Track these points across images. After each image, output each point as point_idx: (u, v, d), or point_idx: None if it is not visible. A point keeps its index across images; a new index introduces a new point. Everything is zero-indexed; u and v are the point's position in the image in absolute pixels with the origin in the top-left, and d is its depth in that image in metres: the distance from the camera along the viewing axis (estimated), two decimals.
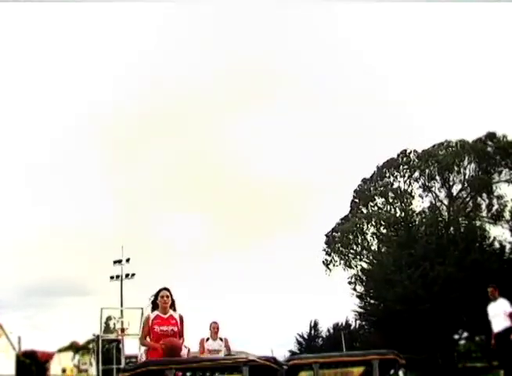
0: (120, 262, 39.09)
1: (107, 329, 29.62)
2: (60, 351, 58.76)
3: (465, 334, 37.14)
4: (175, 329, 7.67)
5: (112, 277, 39.30)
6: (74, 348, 59.77)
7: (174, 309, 7.90)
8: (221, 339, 11.35)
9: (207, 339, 11.34)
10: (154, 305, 7.89)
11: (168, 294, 7.82)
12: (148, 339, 7.69)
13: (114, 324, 28.98)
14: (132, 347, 28.99)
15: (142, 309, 27.40)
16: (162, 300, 7.76)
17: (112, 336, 30.98)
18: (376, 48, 65.61)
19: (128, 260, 39.14)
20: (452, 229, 37.33)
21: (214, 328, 11.39)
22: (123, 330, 28.10)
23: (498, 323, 12.42)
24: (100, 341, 33.08)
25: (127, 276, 39.17)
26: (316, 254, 43.18)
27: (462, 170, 39.93)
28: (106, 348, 43.80)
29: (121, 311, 29.89)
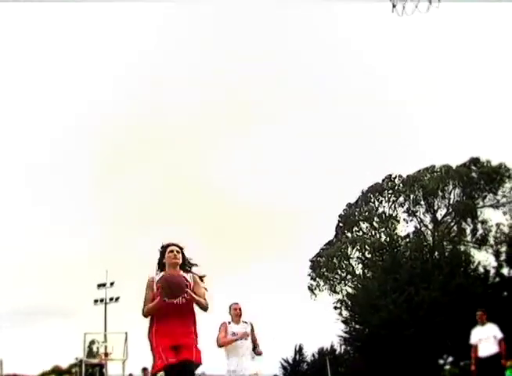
0: (104, 285, 38.75)
1: (90, 353, 29.29)
2: (43, 375, 57.93)
3: (450, 359, 37.02)
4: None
5: (96, 301, 38.91)
6: (57, 372, 58.92)
7: (186, 270, 6.03)
8: (244, 322, 9.14)
9: (229, 323, 9.05)
10: (160, 266, 6.02)
11: (178, 249, 5.99)
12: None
13: (98, 348, 28.65)
14: (116, 371, 28.67)
15: (126, 333, 27.25)
16: (171, 255, 5.90)
17: (95, 360, 30.63)
18: (376, 48, 65.86)
19: (112, 284, 38.78)
20: (436, 253, 37.46)
21: (236, 309, 9.17)
22: (106, 354, 27.76)
23: (487, 348, 12.29)
24: (83, 365, 32.66)
25: (111, 299, 38.79)
26: (302, 279, 43.06)
27: (446, 195, 40.19)
28: (89, 373, 43.24)
29: (105, 335, 29.56)
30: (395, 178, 42.35)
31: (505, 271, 34.60)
